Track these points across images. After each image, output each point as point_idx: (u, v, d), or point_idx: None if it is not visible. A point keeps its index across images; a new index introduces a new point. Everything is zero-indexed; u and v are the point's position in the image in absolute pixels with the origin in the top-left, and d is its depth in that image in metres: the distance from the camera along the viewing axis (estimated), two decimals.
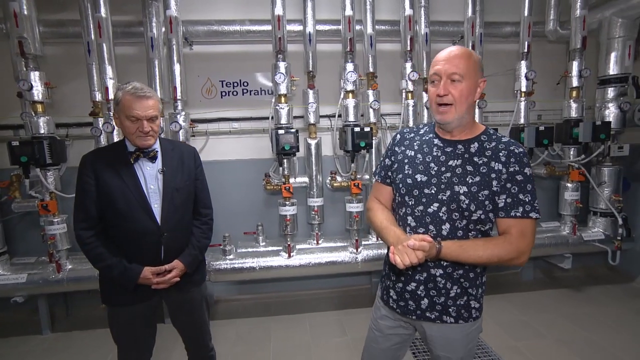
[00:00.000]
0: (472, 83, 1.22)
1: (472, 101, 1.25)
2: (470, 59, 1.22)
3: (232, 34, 3.30)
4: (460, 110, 1.23)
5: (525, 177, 1.22)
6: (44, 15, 2.96)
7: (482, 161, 1.25)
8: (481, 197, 1.23)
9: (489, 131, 1.32)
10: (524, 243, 1.21)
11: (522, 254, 1.22)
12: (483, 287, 1.39)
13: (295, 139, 3.02)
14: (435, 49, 3.41)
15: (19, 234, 3.34)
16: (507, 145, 1.26)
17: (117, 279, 1.67)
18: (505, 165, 1.22)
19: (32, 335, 3.16)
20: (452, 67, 1.21)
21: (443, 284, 1.31)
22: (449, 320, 1.33)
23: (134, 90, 1.61)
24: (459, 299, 1.32)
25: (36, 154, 2.67)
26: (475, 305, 1.35)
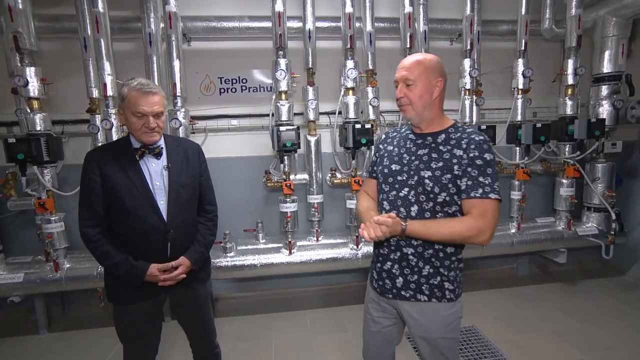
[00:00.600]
0: (425, 86, 1.38)
1: (430, 100, 1.40)
2: (421, 65, 1.38)
3: (230, 30, 3.28)
4: (417, 109, 1.41)
5: (484, 162, 1.34)
6: (39, 10, 2.90)
7: (447, 149, 1.39)
8: (444, 181, 1.36)
9: (457, 125, 1.46)
10: (484, 222, 1.30)
11: (482, 232, 1.30)
12: (457, 271, 1.47)
13: (297, 135, 3.02)
14: (433, 46, 3.48)
15: (13, 233, 3.28)
16: (469, 135, 1.39)
17: (123, 276, 1.65)
18: (465, 152, 1.35)
19: (29, 335, 3.12)
20: (406, 74, 1.39)
21: (415, 263, 1.43)
22: (422, 299, 1.44)
23: (140, 86, 1.59)
24: (431, 279, 1.42)
25: (33, 152, 2.62)
26: (449, 287, 1.43)
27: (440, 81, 1.40)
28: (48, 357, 2.84)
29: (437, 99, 1.42)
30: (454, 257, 1.45)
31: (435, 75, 1.39)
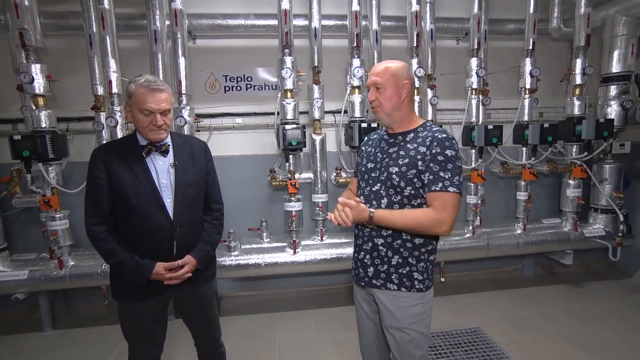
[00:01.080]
0: (394, 88, 1.51)
1: (399, 101, 1.52)
2: (389, 71, 1.52)
3: (236, 28, 3.26)
4: (387, 110, 1.53)
5: (445, 158, 1.43)
6: (44, 7, 2.89)
7: (413, 147, 1.50)
8: (410, 176, 1.47)
9: (427, 124, 1.57)
10: (444, 213, 1.40)
11: (442, 223, 1.40)
12: (428, 263, 1.55)
13: (303, 134, 3.01)
14: (440, 45, 3.45)
15: (18, 230, 3.28)
16: (433, 133, 1.49)
17: (129, 274, 1.64)
18: (429, 148, 1.45)
19: (33, 333, 3.12)
20: (376, 79, 1.53)
21: (385, 252, 1.54)
22: (392, 287, 1.53)
23: (148, 83, 1.58)
24: (400, 268, 1.51)
25: (38, 149, 2.61)
26: (419, 277, 1.52)
27: (407, 83, 1.52)
28: (52, 355, 2.84)
29: (406, 100, 1.54)
30: (424, 249, 1.53)
31: (402, 79, 1.52)
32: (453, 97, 3.63)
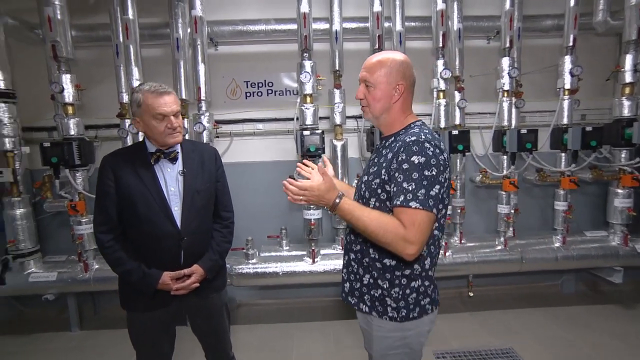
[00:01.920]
0: (384, 89, 1.30)
1: (388, 104, 1.32)
2: (382, 67, 1.30)
3: (257, 34, 3.25)
4: (375, 111, 1.34)
5: (411, 166, 1.20)
6: (76, 20, 3.02)
7: (385, 152, 1.32)
8: (374, 186, 1.30)
9: (413, 125, 1.34)
10: (412, 232, 1.17)
11: (407, 242, 1.17)
12: (405, 289, 1.30)
13: (321, 140, 2.93)
14: (468, 45, 3.27)
15: (51, 233, 3.43)
16: (404, 136, 1.27)
17: (136, 284, 1.63)
18: (395, 155, 1.25)
19: (61, 332, 3.24)
20: (365, 75, 1.33)
21: (356, 269, 1.39)
22: (364, 309, 1.37)
23: (154, 89, 1.57)
24: (372, 290, 1.34)
25: (65, 155, 2.72)
26: (392, 304, 1.31)
27: (401, 85, 1.30)
28: (78, 355, 2.91)
29: (398, 103, 1.32)
30: (398, 272, 1.30)
31: (397, 79, 1.30)
32: (483, 99, 3.42)
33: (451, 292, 3.62)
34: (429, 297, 1.34)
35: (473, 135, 3.44)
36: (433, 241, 1.31)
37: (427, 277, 1.33)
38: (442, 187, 1.21)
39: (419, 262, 1.30)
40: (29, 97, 3.18)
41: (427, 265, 1.32)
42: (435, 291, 1.38)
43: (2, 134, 2.86)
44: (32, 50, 3.20)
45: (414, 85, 1.35)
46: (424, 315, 1.33)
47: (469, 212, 3.39)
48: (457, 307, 3.42)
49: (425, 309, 1.33)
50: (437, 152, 1.22)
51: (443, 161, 1.22)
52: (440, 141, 1.27)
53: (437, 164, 1.20)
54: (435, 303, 1.37)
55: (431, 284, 1.35)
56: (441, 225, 1.32)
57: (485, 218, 3.62)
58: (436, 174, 1.20)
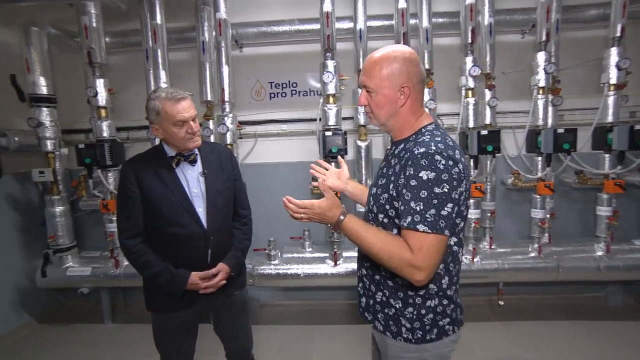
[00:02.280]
0: (387, 94, 1.17)
1: (394, 109, 1.19)
2: (382, 69, 1.15)
3: (281, 35, 3.26)
4: (379, 119, 1.23)
5: (419, 182, 1.07)
6: (110, 27, 3.17)
7: (394, 162, 1.20)
8: (382, 200, 1.20)
9: (423, 130, 1.19)
10: (419, 257, 1.05)
11: (414, 269, 1.07)
12: (422, 310, 1.19)
13: (344, 141, 2.89)
14: (500, 41, 3.10)
15: (87, 229, 3.61)
16: (414, 145, 1.13)
17: (164, 285, 1.64)
18: (402, 168, 1.13)
19: (95, 324, 3.41)
20: (365, 80, 1.20)
21: (368, 286, 1.30)
22: (379, 327, 1.28)
23: (171, 96, 1.59)
24: (385, 308, 1.24)
25: (98, 156, 2.85)
26: (406, 325, 1.21)
27: (406, 88, 1.16)
28: (110, 346, 3.05)
29: (405, 106, 1.19)
30: (411, 292, 1.19)
31: (400, 81, 1.15)
32: (516, 97, 3.23)
33: (480, 300, 3.46)
34: (449, 317, 1.21)
35: (505, 136, 3.27)
36: (452, 258, 1.20)
37: (445, 296, 1.21)
38: (457, 204, 1.09)
39: (435, 281, 1.19)
40: (68, 102, 3.37)
41: (444, 284, 1.20)
42: (457, 310, 1.25)
43: (45, 136, 3.06)
44: (72, 58, 3.38)
45: (422, 83, 1.21)
46: (444, 337, 1.21)
47: (499, 216, 3.22)
48: (485, 315, 3.25)
49: (445, 330, 1.21)
50: (449, 164, 1.07)
51: (457, 174, 1.08)
52: (455, 149, 1.13)
53: (449, 179, 1.07)
54: (458, 323, 1.25)
55: (451, 303, 1.22)
56: (459, 240, 1.20)
57: (518, 223, 3.42)
58: (448, 190, 1.07)
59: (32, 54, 2.98)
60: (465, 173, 1.12)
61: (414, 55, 1.19)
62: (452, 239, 1.17)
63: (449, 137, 1.18)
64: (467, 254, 3.02)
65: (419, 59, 1.20)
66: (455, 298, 1.24)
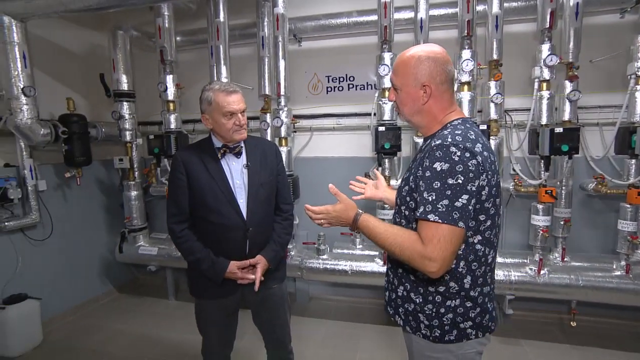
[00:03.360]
0: (409, 92, 1.20)
1: (418, 107, 1.21)
2: (406, 67, 1.19)
3: (339, 27, 3.21)
4: (405, 115, 1.27)
5: (433, 173, 1.08)
6: (180, 27, 3.41)
7: (419, 157, 1.19)
8: (404, 193, 1.22)
9: (448, 125, 1.19)
10: (430, 248, 1.05)
11: (426, 260, 1.06)
12: (441, 309, 1.17)
13: (397, 136, 2.77)
14: (588, 23, 2.70)
15: (157, 213, 3.97)
16: (436, 138, 1.14)
17: (205, 272, 1.72)
18: (421, 161, 1.13)
19: (161, 299, 3.75)
20: (392, 76, 1.25)
21: (392, 279, 1.32)
22: (399, 322, 1.30)
23: (224, 88, 1.66)
24: (406, 303, 1.25)
25: (165, 146, 3.10)
26: (425, 321, 1.20)
27: (427, 87, 1.16)
28: (171, 321, 3.32)
29: (430, 104, 1.19)
30: (432, 288, 1.18)
31: (421, 79, 1.16)
32: (605, 89, 2.80)
33: (548, 317, 3.09)
34: (472, 321, 1.17)
35: (589, 134, 2.87)
36: (474, 257, 1.15)
37: (468, 298, 1.17)
38: (473, 196, 1.06)
39: (455, 280, 1.16)
40: (145, 96, 3.72)
41: (466, 284, 1.16)
42: (484, 316, 1.19)
43: (125, 128, 3.42)
44: (149, 56, 3.72)
45: (450, 82, 1.19)
46: (464, 339, 1.18)
47: (576, 226, 2.83)
48: (554, 335, 2.89)
49: (467, 334, 1.17)
50: (465, 156, 1.05)
51: (474, 166, 1.06)
52: (477, 142, 1.10)
53: (464, 170, 1.05)
54: (484, 329, 1.19)
55: (476, 306, 1.18)
56: (486, 239, 1.16)
57: (600, 235, 2.97)
58: (463, 182, 1.05)
59: (118, 54, 3.34)
60: (487, 167, 1.09)
61: (442, 54, 1.19)
62: (476, 237, 1.15)
63: (474, 131, 1.15)
64: (533, 264, 2.71)
65: (448, 58, 1.19)
66: (481, 301, 1.19)
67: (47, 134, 2.92)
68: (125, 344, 2.96)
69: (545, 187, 2.62)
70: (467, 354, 1.19)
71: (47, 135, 2.91)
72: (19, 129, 2.81)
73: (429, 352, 1.22)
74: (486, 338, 1.21)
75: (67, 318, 3.36)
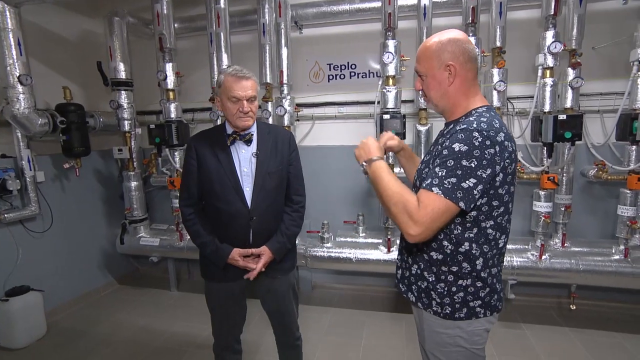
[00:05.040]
0: (435, 75, 1.22)
1: (443, 89, 1.23)
2: (428, 52, 1.22)
3: (341, 14, 3.17)
4: (433, 100, 1.28)
5: (450, 152, 1.11)
6: (178, 13, 3.34)
7: (442, 141, 1.21)
8: (424, 175, 1.22)
9: (473, 112, 1.20)
10: (420, 213, 1.08)
11: (411, 222, 1.09)
12: (452, 287, 1.22)
13: (402, 124, 2.77)
14: (593, 10, 2.71)
15: (157, 204, 3.94)
16: (458, 123, 1.18)
17: (209, 255, 1.75)
18: (443, 142, 1.17)
19: (163, 290, 3.75)
20: (417, 66, 1.27)
21: (406, 258, 1.35)
22: (412, 298, 1.33)
23: (235, 72, 1.65)
24: (419, 281, 1.29)
25: (166, 136, 3.06)
26: (437, 299, 1.25)
27: (451, 66, 1.18)
28: (174, 312, 3.33)
29: (454, 85, 1.21)
30: (445, 267, 1.22)
31: (445, 60, 1.18)
32: (607, 77, 2.82)
33: (547, 302, 3.16)
34: (481, 300, 1.22)
35: (590, 121, 2.90)
36: (486, 240, 1.19)
37: (479, 278, 1.21)
38: (481, 182, 1.09)
39: (468, 261, 1.20)
40: (143, 85, 3.64)
41: (478, 265, 1.20)
42: (492, 295, 1.24)
43: (122, 117, 3.35)
44: (147, 44, 3.64)
45: (473, 61, 1.19)
46: (473, 317, 1.23)
47: (577, 212, 2.88)
48: (552, 319, 2.97)
49: (475, 312, 1.22)
50: (486, 144, 1.08)
51: (490, 155, 1.08)
52: (500, 131, 1.12)
53: (479, 155, 1.08)
54: (492, 308, 1.24)
55: (486, 286, 1.22)
56: (498, 224, 1.20)
57: (600, 221, 3.03)
58: (475, 166, 1.08)
59: (115, 42, 3.24)
60: (504, 157, 1.11)
61: (462, 35, 1.21)
62: (489, 222, 1.18)
63: (499, 120, 1.17)
64: (535, 250, 2.76)
65: (468, 39, 1.21)
66: (490, 282, 1.23)
67: (45, 123, 2.86)
68: (129, 335, 2.96)
69: (547, 173, 2.65)
70: (475, 331, 1.24)
71: (44, 125, 2.85)
72: (16, 119, 2.74)
73: (439, 327, 1.27)
74: (494, 317, 1.26)
75: (69, 309, 3.35)
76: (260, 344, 2.74)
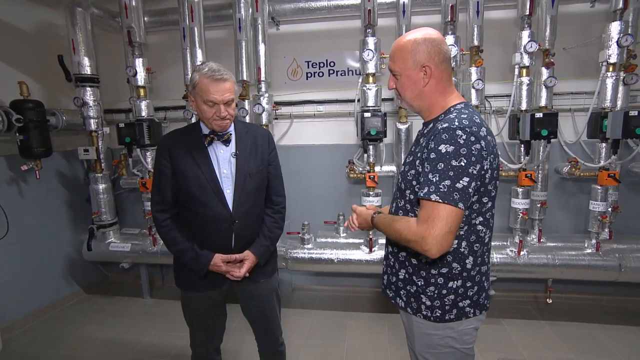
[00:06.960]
0: (410, 75, 1.21)
1: (418, 90, 1.22)
2: (403, 52, 1.20)
3: (319, 11, 3.10)
4: (407, 100, 1.27)
5: (438, 155, 1.10)
6: (148, 6, 3.16)
7: (423, 141, 1.21)
8: (409, 177, 1.23)
9: (451, 109, 1.20)
10: (424, 227, 1.09)
11: (421, 239, 1.09)
12: (442, 290, 1.22)
13: (383, 123, 2.74)
14: (564, 12, 2.79)
15: (127, 207, 3.74)
16: (441, 122, 1.15)
17: (188, 263, 1.64)
18: (427, 143, 1.15)
19: (135, 298, 3.55)
20: (391, 65, 1.26)
21: (393, 263, 1.35)
22: (400, 304, 1.33)
23: (211, 73, 1.52)
24: (408, 285, 1.29)
25: (137, 135, 2.89)
26: (426, 302, 1.24)
27: (427, 67, 1.17)
28: (149, 320, 3.16)
29: (430, 86, 1.20)
30: (434, 271, 1.22)
31: (421, 60, 1.17)
32: (578, 76, 2.92)
33: (525, 296, 3.24)
34: (470, 300, 1.23)
35: (562, 120, 2.97)
36: (476, 238, 1.20)
37: (469, 278, 1.22)
38: (474, 179, 1.09)
39: (458, 261, 1.20)
40: (110, 82, 3.43)
41: (468, 264, 1.21)
42: (481, 294, 1.25)
43: (88, 115, 3.13)
44: (113, 38, 3.43)
45: (447, 62, 1.20)
46: (463, 318, 1.23)
47: (552, 208, 2.96)
48: (530, 313, 3.04)
49: (465, 312, 1.23)
50: (470, 140, 1.08)
51: (478, 151, 1.09)
52: (482, 126, 1.14)
53: (467, 153, 1.08)
54: (480, 307, 1.25)
55: (474, 285, 1.23)
56: (486, 220, 1.21)
57: (573, 216, 3.14)
58: (465, 164, 1.08)
59: (78, 34, 3.02)
60: (490, 151, 1.13)
61: (437, 35, 1.20)
62: (478, 219, 1.19)
63: (478, 116, 1.18)
64: (513, 246, 2.81)
65: (443, 39, 1.21)
66: (478, 279, 1.24)
67: None
68: (97, 348, 2.77)
69: (525, 171, 2.70)
70: (465, 330, 1.24)
71: None
72: None
73: (429, 329, 1.26)
74: (483, 315, 1.27)
75: (28, 324, 3.09)
76: (239, 352, 2.64)
